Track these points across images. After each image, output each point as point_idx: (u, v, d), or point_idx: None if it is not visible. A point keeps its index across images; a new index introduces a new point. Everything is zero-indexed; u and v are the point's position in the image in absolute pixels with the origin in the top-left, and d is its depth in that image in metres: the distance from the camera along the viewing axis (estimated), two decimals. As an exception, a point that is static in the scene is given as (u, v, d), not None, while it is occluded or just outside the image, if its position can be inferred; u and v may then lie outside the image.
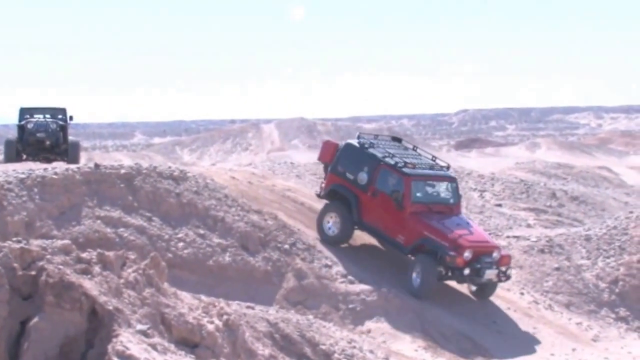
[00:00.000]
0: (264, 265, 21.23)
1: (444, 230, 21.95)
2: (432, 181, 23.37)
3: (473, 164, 61.00)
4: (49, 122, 33.37)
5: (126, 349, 10.78)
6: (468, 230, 22.32)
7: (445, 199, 23.43)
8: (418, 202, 22.52)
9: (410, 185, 22.34)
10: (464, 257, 21.29)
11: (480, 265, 21.41)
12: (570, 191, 35.66)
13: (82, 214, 20.38)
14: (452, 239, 21.60)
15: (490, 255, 21.76)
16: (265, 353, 14.50)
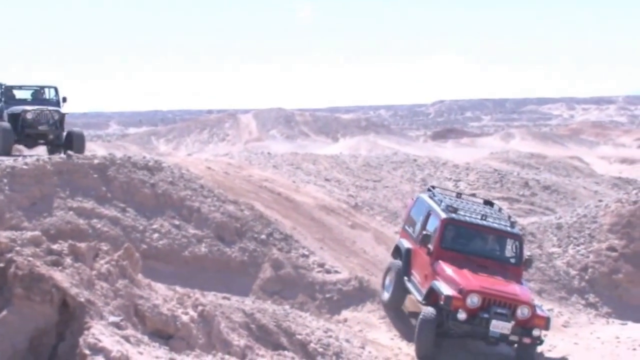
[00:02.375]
0: (240, 256, 21.08)
1: (458, 274, 18.43)
2: (481, 232, 19.73)
3: (449, 154, 61.13)
4: (52, 111, 29.06)
5: (98, 342, 10.64)
6: (494, 280, 18.57)
7: (499, 256, 19.69)
8: (451, 250, 19.19)
9: (445, 228, 19.29)
10: (468, 302, 17.67)
11: (488, 316, 17.73)
12: (542, 181, 35.76)
13: (54, 204, 20.14)
14: (459, 282, 18.14)
15: (508, 308, 17.87)
16: (240, 344, 14.39)
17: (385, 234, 25.32)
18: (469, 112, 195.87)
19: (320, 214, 24.91)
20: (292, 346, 16.52)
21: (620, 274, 24.99)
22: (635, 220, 26.27)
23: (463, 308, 17.61)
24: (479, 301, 17.76)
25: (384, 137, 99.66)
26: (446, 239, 19.30)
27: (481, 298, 17.80)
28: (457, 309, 17.62)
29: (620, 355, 18.63)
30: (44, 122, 28.66)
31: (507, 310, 17.84)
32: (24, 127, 28.39)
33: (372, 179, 31.15)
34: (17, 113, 28.74)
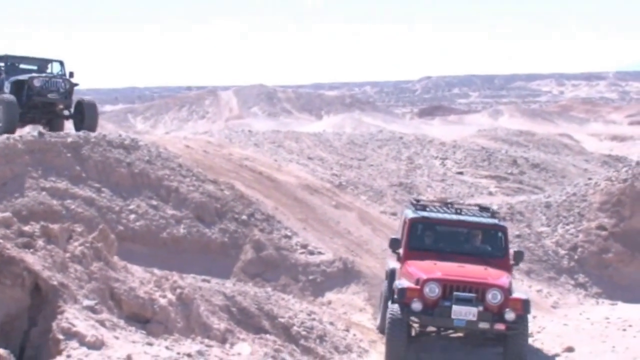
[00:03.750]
0: (221, 237, 21.06)
1: (420, 267, 16.85)
2: (455, 227, 18.27)
3: (436, 132, 61.42)
4: (62, 79, 27.08)
5: (72, 326, 10.61)
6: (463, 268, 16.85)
7: (480, 251, 18.03)
8: (422, 250, 17.66)
9: (412, 227, 17.88)
10: (426, 291, 15.92)
11: (449, 303, 15.94)
12: (531, 159, 35.96)
13: (26, 185, 20.01)
14: (418, 273, 16.57)
15: (475, 292, 16.07)
16: (221, 327, 14.37)
17: (370, 214, 25.39)
18: (456, 88, 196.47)
19: (303, 194, 24.94)
20: (274, 329, 16.53)
21: (610, 253, 25.13)
22: (625, 199, 26.40)
23: (419, 298, 15.86)
24: (439, 290, 15.97)
25: (369, 114, 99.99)
26: (414, 239, 17.84)
27: (441, 286, 15.99)
28: (411, 300, 15.89)
29: (610, 336, 18.72)
30: (53, 90, 26.62)
31: (471, 295, 15.95)
32: (30, 96, 26.34)
33: (356, 158, 31.24)
34: (22, 80, 26.65)
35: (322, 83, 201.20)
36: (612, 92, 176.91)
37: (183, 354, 11.29)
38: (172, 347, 11.53)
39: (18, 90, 26.20)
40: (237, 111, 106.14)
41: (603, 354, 16.96)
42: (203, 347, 12.28)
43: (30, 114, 26.60)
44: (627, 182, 26.91)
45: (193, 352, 11.63)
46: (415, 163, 32.09)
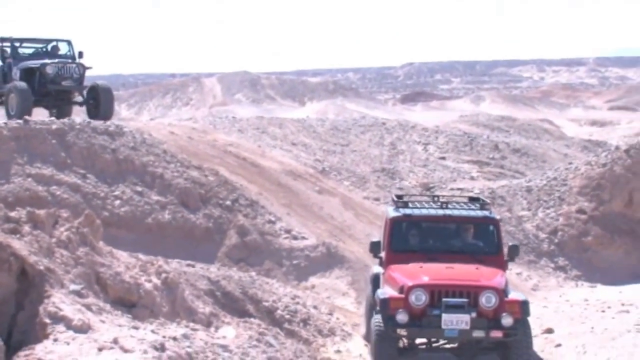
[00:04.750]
0: (205, 223, 21.09)
1: (404, 272, 14.86)
2: (442, 223, 16.22)
3: (418, 117, 61.38)
4: (76, 64, 26.01)
5: (59, 310, 10.63)
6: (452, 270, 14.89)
7: (470, 248, 15.98)
8: (406, 251, 15.65)
9: (393, 227, 15.85)
10: (412, 300, 13.98)
11: (439, 311, 13.98)
12: (512, 143, 36.03)
13: (11, 171, 19.98)
14: (402, 280, 14.58)
15: (466, 297, 14.12)
16: (205, 311, 14.42)
17: (353, 200, 25.43)
18: (438, 74, 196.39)
19: (286, 179, 24.95)
20: (258, 313, 16.57)
21: (589, 236, 25.25)
22: (605, 183, 26.49)
23: (404, 308, 13.87)
24: (426, 297, 13.95)
25: (352, 100, 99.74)
26: (397, 241, 15.79)
27: (428, 292, 13.99)
28: (396, 311, 13.89)
29: (589, 318, 18.82)
30: (67, 77, 25.59)
31: (463, 301, 14.00)
32: (43, 84, 25.31)
33: (339, 143, 31.26)
34: (33, 67, 25.61)
35: (306, 70, 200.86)
36: (592, 78, 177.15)
37: (168, 338, 11.32)
38: (158, 331, 11.57)
39: (28, 76, 25.31)
40: (220, 98, 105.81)
41: (582, 335, 17.00)
42: (188, 330, 12.33)
43: (43, 101, 25.78)
44: (607, 167, 27.01)
45: (178, 336, 11.67)
46: (397, 149, 32.13)
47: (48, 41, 27.16)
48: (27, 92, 24.43)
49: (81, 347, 10.14)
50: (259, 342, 13.45)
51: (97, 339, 10.38)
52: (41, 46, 27.09)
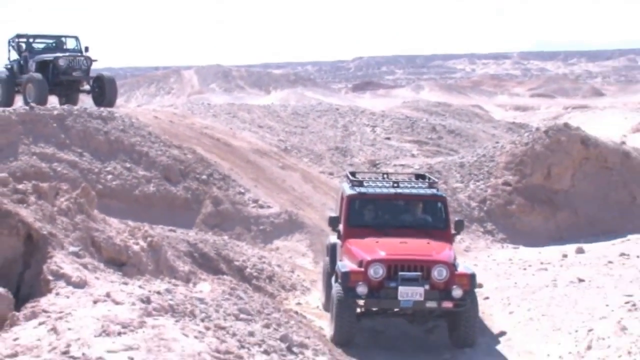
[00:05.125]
0: (184, 194, 21.09)
1: (362, 247, 14.34)
2: (394, 201, 15.58)
3: (367, 104, 61.33)
4: (84, 57, 26.12)
5: (60, 269, 10.65)
6: (406, 245, 14.34)
7: (421, 223, 15.45)
8: (362, 226, 15.13)
9: (350, 204, 15.26)
10: (371, 273, 13.55)
11: (395, 284, 13.54)
12: (448, 126, 36.03)
13: (19, 150, 19.96)
14: (361, 254, 14.06)
15: (420, 271, 13.65)
16: (185, 269, 14.44)
17: (312, 174, 25.44)
18: (384, 67, 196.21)
19: (254, 157, 24.94)
20: (230, 271, 16.62)
21: (513, 205, 25.35)
22: (527, 159, 26.60)
23: (364, 281, 13.47)
24: (383, 270, 13.55)
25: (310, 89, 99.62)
26: (354, 216, 15.23)
27: (385, 266, 13.57)
28: (356, 284, 13.48)
29: (512, 274, 18.98)
30: (77, 69, 25.80)
31: (417, 274, 13.54)
32: (56, 75, 25.38)
33: (299, 126, 31.20)
34: (47, 60, 25.63)
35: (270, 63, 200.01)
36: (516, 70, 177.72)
37: (153, 292, 11.35)
38: (144, 286, 11.59)
39: (43, 68, 25.28)
40: (197, 87, 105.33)
41: (507, 289, 17.14)
42: (170, 286, 12.34)
43: (56, 90, 25.78)
44: (528, 145, 27.14)
45: (162, 290, 11.69)
46: (349, 130, 32.11)
47: (58, 37, 27.17)
48: (43, 82, 24.56)
49: (79, 299, 10.17)
50: (231, 295, 13.47)
51: (93, 293, 10.42)
52: (51, 41, 27.09)
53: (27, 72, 25.69)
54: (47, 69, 25.29)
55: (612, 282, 17.08)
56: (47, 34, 27.41)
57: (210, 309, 12.03)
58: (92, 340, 8.97)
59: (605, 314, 14.07)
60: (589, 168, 26.94)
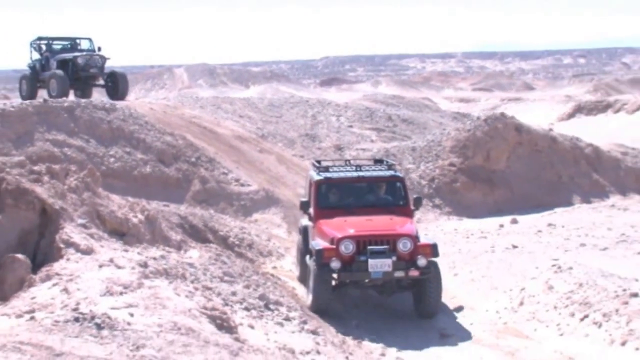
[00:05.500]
0: (176, 174, 21.05)
1: (332, 226, 13.91)
2: (357, 183, 15.07)
3: (333, 97, 61.21)
4: (99, 56, 25.89)
5: (70, 238, 10.68)
6: (372, 222, 13.87)
7: (384, 202, 14.90)
8: (330, 207, 14.60)
9: (318, 188, 14.76)
10: (342, 249, 13.18)
11: (365, 257, 13.14)
12: (401, 115, 36.06)
13: (35, 137, 19.89)
14: (331, 233, 13.66)
15: (387, 244, 13.27)
16: (177, 238, 14.46)
17: (285, 157, 25.45)
18: (347, 65, 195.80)
19: (236, 142, 24.91)
20: (216, 240, 16.64)
21: (458, 183, 25.48)
22: (469, 144, 26.73)
23: (336, 256, 13.10)
24: (353, 246, 13.19)
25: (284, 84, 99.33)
26: (322, 199, 14.69)
27: (354, 242, 13.21)
28: (329, 260, 13.12)
29: (457, 242, 19.13)
30: (94, 66, 25.70)
31: (384, 247, 13.18)
32: (75, 71, 25.27)
33: (274, 116, 31.16)
34: (67, 59, 25.50)
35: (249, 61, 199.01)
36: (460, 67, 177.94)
37: (150, 258, 11.38)
38: (142, 253, 11.61)
39: (63, 66, 25.20)
40: (187, 83, 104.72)
41: (452, 255, 17.24)
42: (165, 252, 12.37)
43: (75, 85, 25.64)
44: (470, 132, 27.28)
45: (157, 256, 11.72)
46: (317, 119, 32.10)
47: (73, 39, 27.01)
48: (64, 78, 24.63)
49: (86, 264, 10.19)
50: (216, 261, 13.51)
51: (98, 259, 10.44)
52: (68, 43, 26.94)
53: (48, 69, 25.70)
54: (67, 67, 25.23)
55: (541, 248, 17.31)
56: (64, 36, 27.25)
57: (199, 272, 12.08)
58: (98, 299, 9.00)
59: (535, 275, 14.23)
60: (522, 151, 27.16)
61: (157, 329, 8.44)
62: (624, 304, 11.62)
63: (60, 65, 25.44)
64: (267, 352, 9.09)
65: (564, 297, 12.76)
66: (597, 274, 13.24)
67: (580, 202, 25.58)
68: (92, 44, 26.71)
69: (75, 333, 7.91)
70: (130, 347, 7.82)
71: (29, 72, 26.82)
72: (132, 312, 8.76)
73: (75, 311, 8.45)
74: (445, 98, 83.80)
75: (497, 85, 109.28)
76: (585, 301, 12.24)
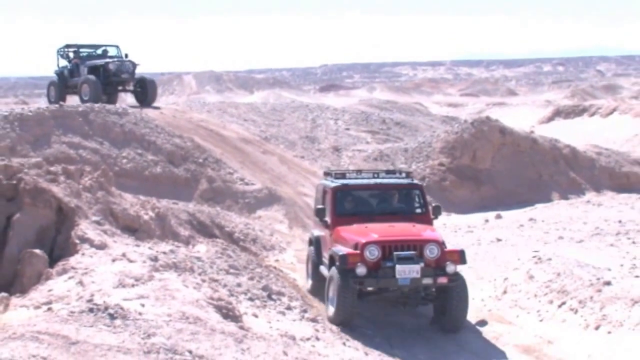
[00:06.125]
0: (185, 174, 20.99)
1: (354, 232, 12.38)
2: (375, 190, 13.69)
3: (331, 102, 61.12)
4: (130, 62, 25.13)
5: (85, 234, 10.67)
6: (395, 228, 12.44)
7: (402, 210, 13.42)
8: (349, 215, 13.08)
9: (335, 195, 13.24)
10: (367, 255, 11.62)
11: (392, 263, 11.60)
12: (395, 119, 36.09)
13: (52, 140, 19.82)
14: (355, 238, 12.08)
15: (413, 250, 11.75)
16: (186, 234, 14.45)
17: (286, 157, 25.43)
18: (344, 72, 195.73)
19: (240, 144, 24.88)
20: (222, 235, 16.61)
21: (446, 181, 25.53)
22: (457, 145, 26.80)
23: (361, 262, 11.59)
24: (378, 251, 11.67)
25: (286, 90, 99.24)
26: (340, 206, 13.19)
27: (380, 247, 11.71)
28: (354, 265, 11.61)
29: (446, 236, 18.97)
30: (125, 72, 24.96)
31: (412, 253, 11.71)
32: (107, 77, 24.57)
33: (277, 119, 31.13)
34: (98, 65, 24.76)
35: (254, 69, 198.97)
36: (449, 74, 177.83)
37: (160, 252, 11.37)
38: (153, 248, 11.61)
39: (93, 73, 24.51)
40: (195, 89, 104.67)
41: (441, 247, 17.22)
42: (174, 247, 12.37)
43: (106, 90, 24.90)
44: (458, 134, 27.33)
45: (167, 251, 11.72)
46: (316, 122, 32.08)
47: (100, 46, 26.41)
48: (97, 83, 24.04)
49: (100, 259, 10.17)
50: (222, 254, 13.52)
51: (111, 254, 10.42)
52: (95, 50, 26.35)
53: (77, 76, 25.12)
54: (97, 73, 24.60)
55: (523, 241, 17.36)
56: (92, 43, 26.60)
57: (206, 265, 12.07)
58: (111, 291, 8.98)
59: (517, 266, 14.24)
60: (505, 152, 27.22)
61: (166, 319, 8.43)
62: (597, 292, 11.74)
63: (90, 71, 24.82)
64: (269, 339, 9.07)
65: (543, 285, 12.82)
66: (573, 264, 13.29)
67: (558, 199, 25.71)
68: (120, 51, 26.12)
69: (89, 323, 7.90)
70: (142, 335, 7.81)
71: (57, 78, 26.21)
72: (143, 303, 8.74)
73: (89, 302, 8.43)
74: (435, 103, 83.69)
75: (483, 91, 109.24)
76: (563, 289, 12.31)
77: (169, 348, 7.61)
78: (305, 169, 24.52)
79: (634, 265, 13.60)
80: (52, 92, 26.23)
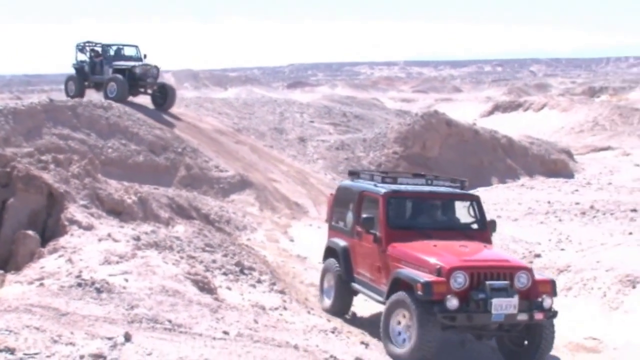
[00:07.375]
0: (165, 162, 20.82)
1: (427, 253, 9.06)
2: (431, 200, 10.35)
3: (297, 97, 61.07)
4: (154, 67, 24.07)
5: (73, 216, 10.59)
6: (472, 250, 9.29)
7: (460, 225, 10.24)
8: (402, 228, 9.77)
9: (387, 203, 9.83)
10: (452, 284, 8.49)
11: (484, 295, 8.49)
12: (354, 112, 36.20)
13: (43, 131, 19.51)
14: (433, 262, 8.76)
15: (503, 277, 8.68)
16: (166, 216, 14.36)
17: (257, 147, 25.36)
18: (309, 70, 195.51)
19: (215, 135, 24.75)
20: (199, 217, 16.51)
21: (400, 168, 25.66)
22: (409, 135, 27.03)
23: (451, 293, 8.42)
24: (466, 280, 8.54)
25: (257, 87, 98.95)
26: (392, 217, 9.82)
27: (468, 274, 8.56)
28: (443, 297, 8.40)
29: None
30: (150, 76, 23.87)
31: (506, 283, 8.63)
32: (132, 79, 23.50)
33: (248, 113, 31.04)
34: (124, 68, 23.55)
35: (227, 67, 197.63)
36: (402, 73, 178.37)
37: (142, 232, 11.31)
38: (136, 229, 11.54)
39: (119, 74, 23.38)
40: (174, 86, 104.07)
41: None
42: (155, 228, 12.29)
43: (130, 91, 23.86)
44: (410, 126, 27.55)
45: (148, 231, 11.65)
46: (284, 116, 32.03)
47: (119, 45, 24.98)
48: (125, 83, 23.11)
49: (87, 239, 10.09)
50: (199, 234, 13.46)
51: (98, 234, 10.35)
52: (116, 48, 24.84)
53: (99, 73, 23.99)
54: (123, 74, 23.49)
55: (467, 220, 17.47)
56: (111, 42, 24.99)
57: (184, 244, 12.03)
58: (97, 267, 8.93)
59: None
60: (451, 141, 27.50)
61: (148, 292, 8.41)
62: (529, 263, 11.93)
63: (116, 72, 23.67)
64: (242, 309, 9.09)
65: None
66: (509, 239, 13.62)
67: (497, 183, 26.17)
68: (139, 51, 24.84)
69: (78, 296, 7.86)
70: (126, 307, 7.79)
71: (75, 73, 24.82)
72: (127, 278, 8.71)
73: (78, 278, 8.39)
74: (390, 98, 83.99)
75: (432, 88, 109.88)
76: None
77: (151, 318, 7.60)
78: (274, 157, 24.50)
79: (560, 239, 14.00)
80: (71, 87, 24.86)
